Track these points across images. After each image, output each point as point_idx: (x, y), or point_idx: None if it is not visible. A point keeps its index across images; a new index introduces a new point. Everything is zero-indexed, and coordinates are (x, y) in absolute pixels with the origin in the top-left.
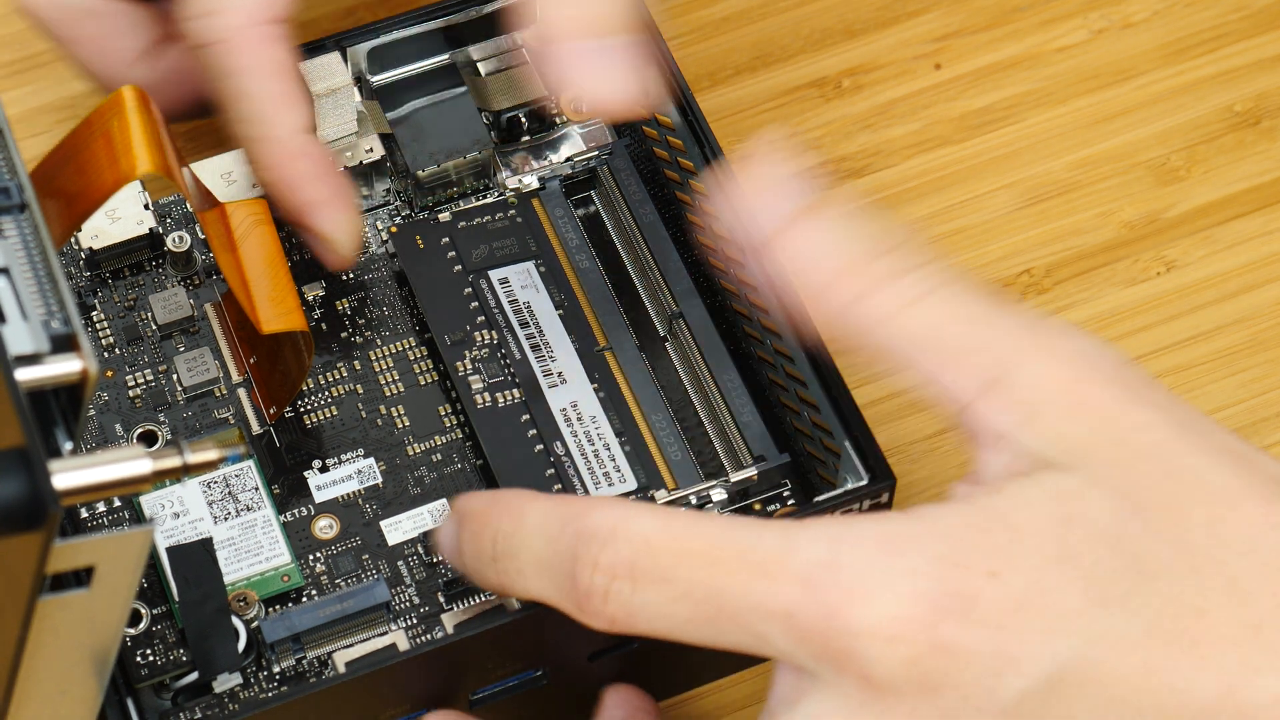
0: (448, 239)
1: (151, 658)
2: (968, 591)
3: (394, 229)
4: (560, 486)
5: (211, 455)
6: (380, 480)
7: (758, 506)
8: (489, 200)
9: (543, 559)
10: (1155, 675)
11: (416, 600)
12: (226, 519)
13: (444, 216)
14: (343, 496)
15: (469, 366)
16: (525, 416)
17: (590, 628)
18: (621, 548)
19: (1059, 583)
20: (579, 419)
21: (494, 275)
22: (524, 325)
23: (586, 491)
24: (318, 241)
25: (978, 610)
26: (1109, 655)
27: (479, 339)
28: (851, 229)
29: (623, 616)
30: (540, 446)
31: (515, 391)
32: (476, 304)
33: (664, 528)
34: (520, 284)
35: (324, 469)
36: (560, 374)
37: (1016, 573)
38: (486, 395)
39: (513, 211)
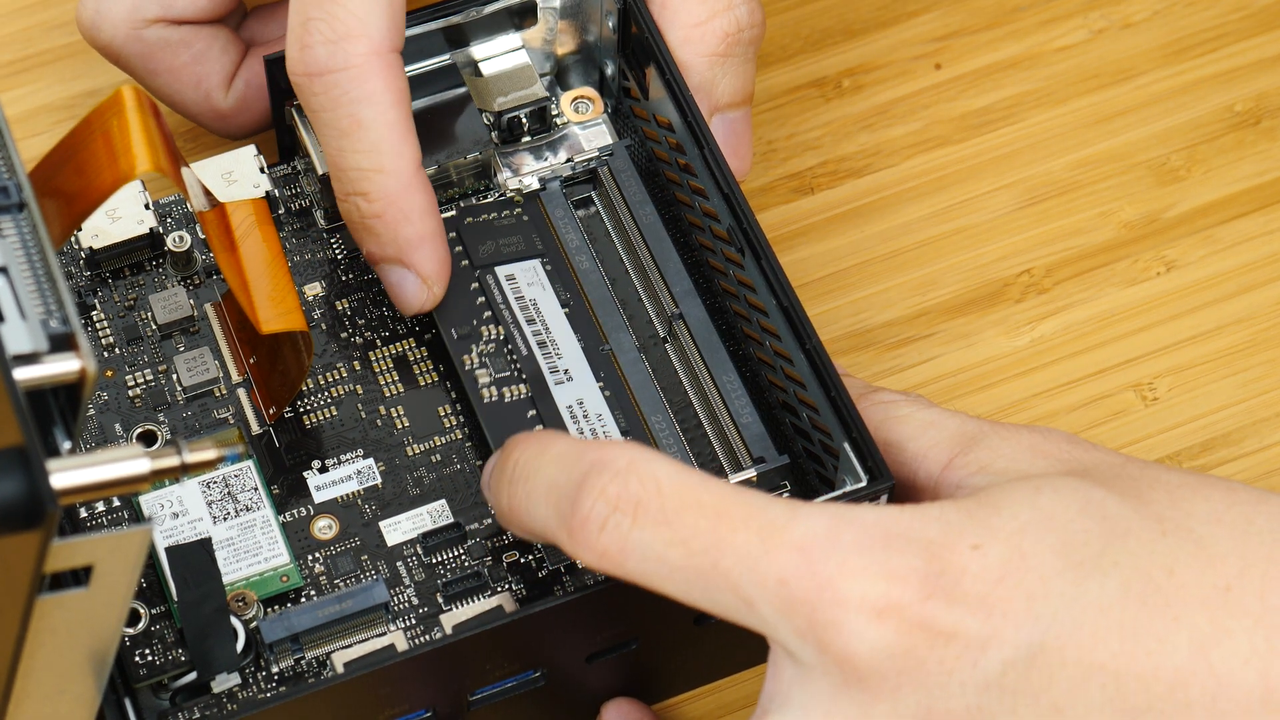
0: (454, 233)
1: (150, 657)
2: (953, 568)
3: None
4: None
5: (210, 455)
6: (379, 481)
7: None
8: (492, 200)
9: (553, 483)
10: (1130, 637)
11: (415, 601)
12: (225, 519)
13: (449, 213)
14: (342, 497)
15: (475, 361)
16: (531, 412)
17: (578, 560)
18: (631, 482)
19: (1036, 547)
20: (585, 416)
21: (501, 271)
22: (530, 321)
23: None
24: (403, 282)
25: (962, 585)
26: (1087, 618)
27: (486, 334)
28: (859, 382)
29: (614, 551)
30: None
31: (522, 387)
32: (483, 299)
33: (677, 474)
34: (527, 281)
35: (323, 469)
36: (566, 371)
37: (996, 542)
38: (493, 390)
39: (519, 209)
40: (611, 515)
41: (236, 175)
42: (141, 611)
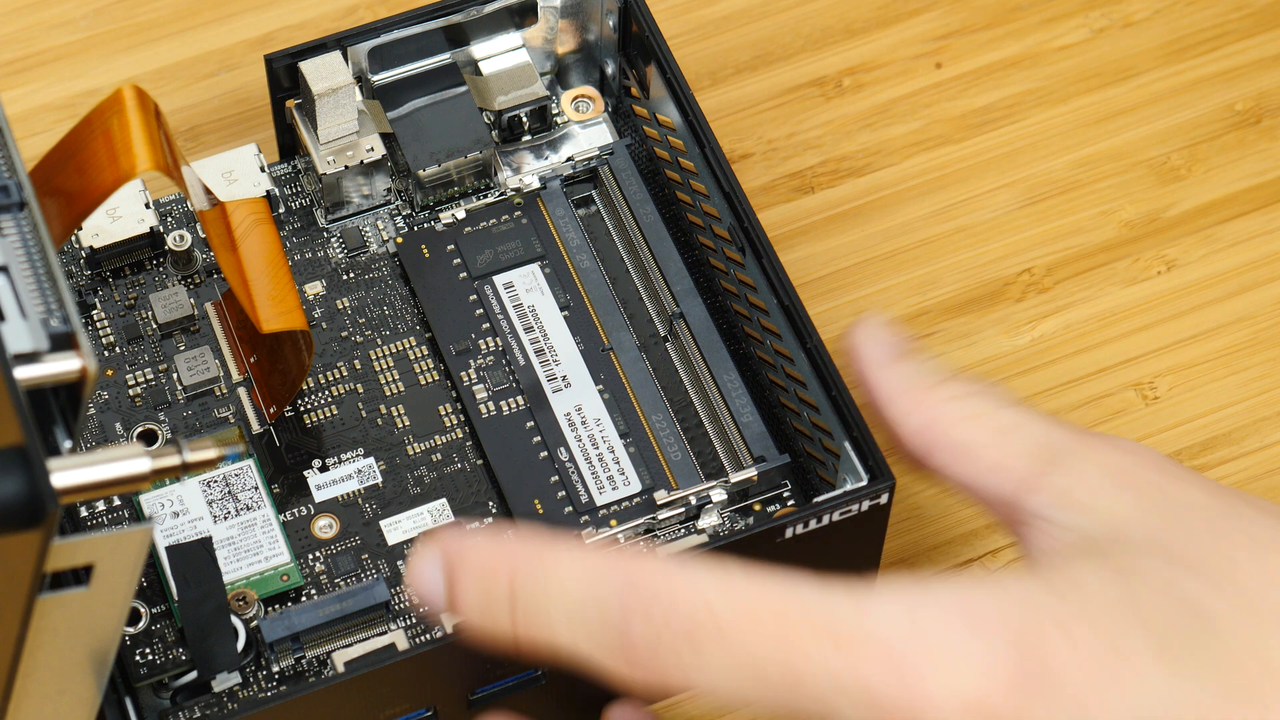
0: (453, 245)
1: (150, 657)
2: (1045, 663)
3: (400, 240)
4: (564, 493)
5: (210, 454)
6: (380, 480)
7: (758, 507)
8: (493, 200)
9: (581, 607)
10: None
11: (416, 600)
12: (226, 518)
13: (447, 219)
14: (342, 496)
15: (474, 376)
16: (529, 423)
17: (635, 686)
18: (680, 606)
19: (1133, 645)
20: (583, 422)
21: (498, 280)
22: (528, 330)
23: (589, 495)
24: None
25: (1055, 682)
26: (1183, 714)
27: (484, 347)
28: (930, 365)
29: (678, 677)
30: (545, 453)
31: (519, 398)
32: (481, 310)
33: (724, 589)
34: (525, 287)
35: (324, 468)
36: (565, 377)
37: (1092, 637)
38: (491, 405)
39: (518, 213)
40: (668, 643)
41: (237, 174)
42: (142, 611)
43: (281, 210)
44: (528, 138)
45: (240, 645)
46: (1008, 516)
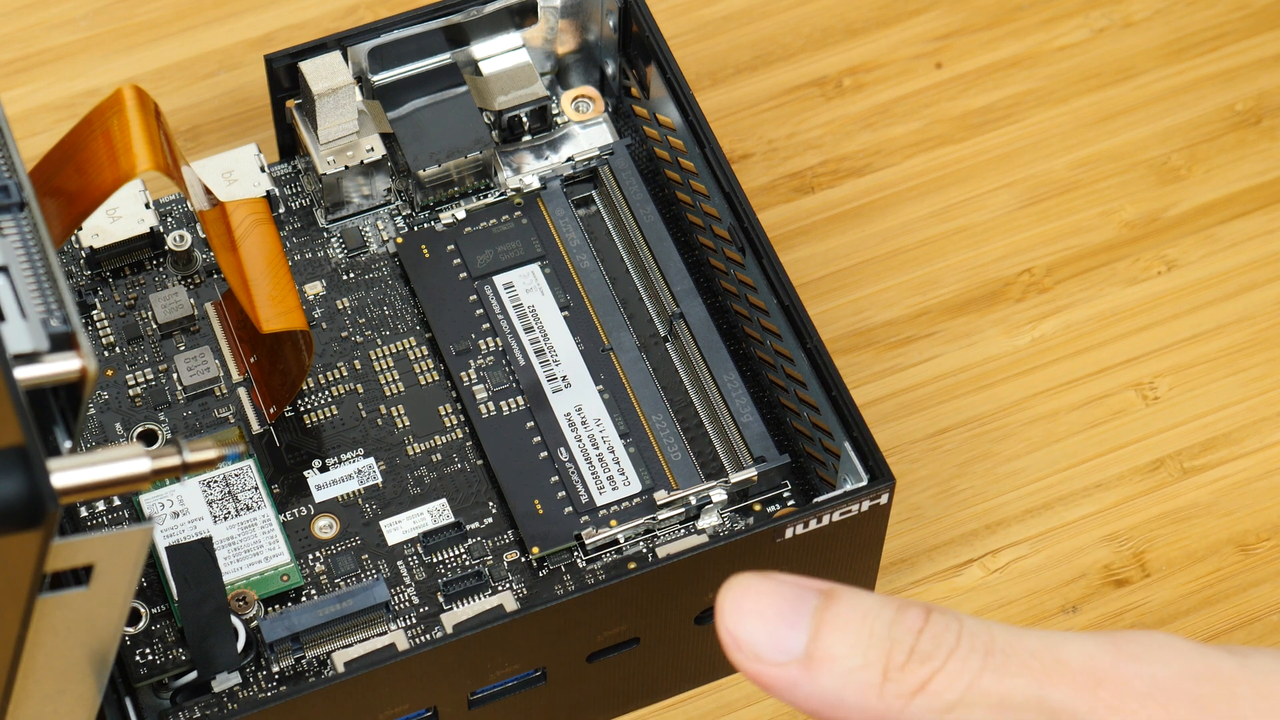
0: (453, 245)
1: (150, 657)
2: None
3: (400, 240)
4: (564, 493)
5: (210, 454)
6: (380, 480)
7: (758, 507)
8: (493, 200)
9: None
10: None
11: (416, 600)
12: (226, 518)
13: (447, 219)
14: (342, 496)
15: (474, 376)
16: (529, 423)
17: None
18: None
19: None
20: (583, 423)
21: (499, 280)
22: (528, 330)
23: (589, 495)
24: None
25: None
26: None
27: (484, 347)
28: (856, 643)
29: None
30: (545, 453)
31: (519, 399)
32: (481, 310)
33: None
34: (525, 287)
35: (324, 468)
36: (564, 377)
37: None
38: (491, 405)
39: (518, 213)
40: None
41: (237, 174)
42: (142, 611)
43: (281, 210)
44: (528, 138)
45: (240, 645)
46: None
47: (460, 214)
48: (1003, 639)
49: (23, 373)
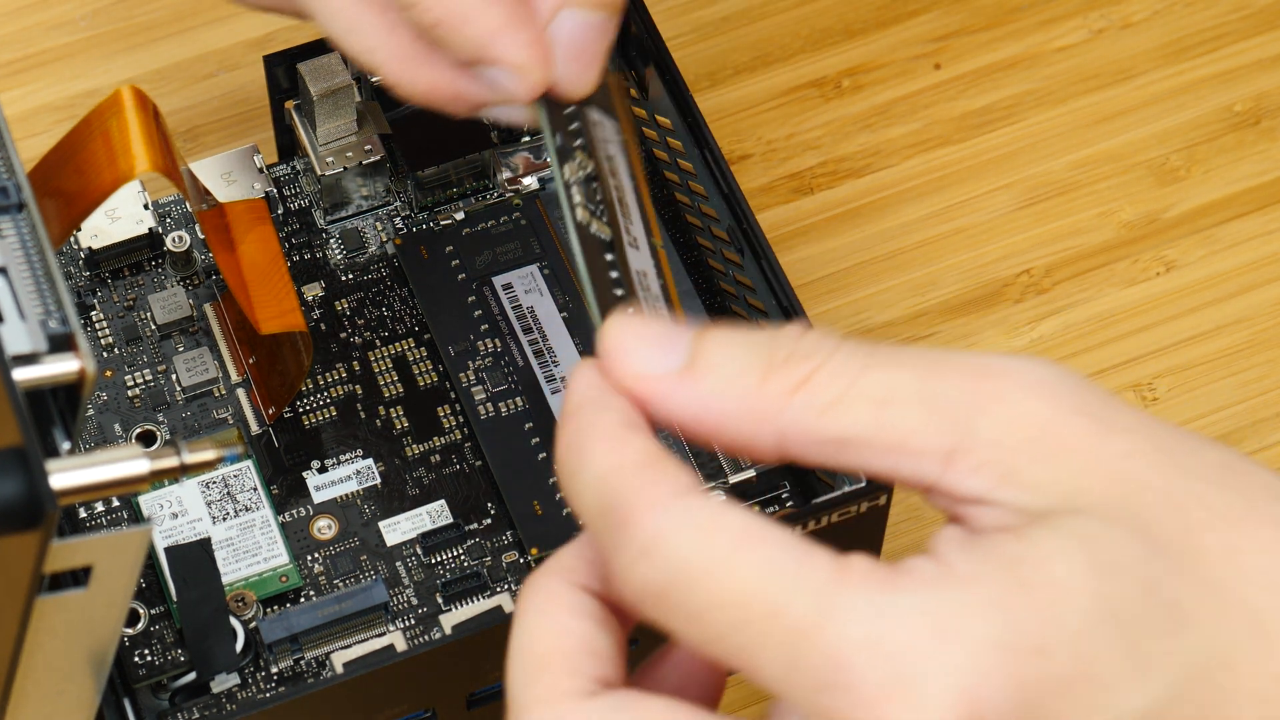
0: (452, 246)
1: (149, 658)
2: (1014, 682)
3: (399, 241)
4: (563, 494)
5: (209, 455)
6: (379, 481)
7: (756, 508)
8: (492, 201)
9: (590, 515)
10: None
11: (414, 601)
12: (225, 519)
13: (446, 219)
14: (341, 497)
15: (473, 377)
16: (529, 424)
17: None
18: (656, 567)
19: (1103, 650)
20: None
21: (497, 281)
22: (527, 331)
23: None
24: (495, 82)
25: (1022, 701)
26: None
27: (483, 348)
28: (735, 353)
29: (646, 615)
30: (544, 454)
31: (519, 400)
32: (480, 311)
33: (701, 563)
34: (524, 288)
35: (323, 469)
36: (564, 379)
37: (1062, 645)
38: (490, 406)
39: (517, 214)
40: (642, 593)
41: (235, 175)
42: (141, 611)
43: (280, 211)
44: (527, 139)
45: (239, 646)
46: (937, 502)
47: (459, 215)
48: (885, 347)
49: (21, 374)
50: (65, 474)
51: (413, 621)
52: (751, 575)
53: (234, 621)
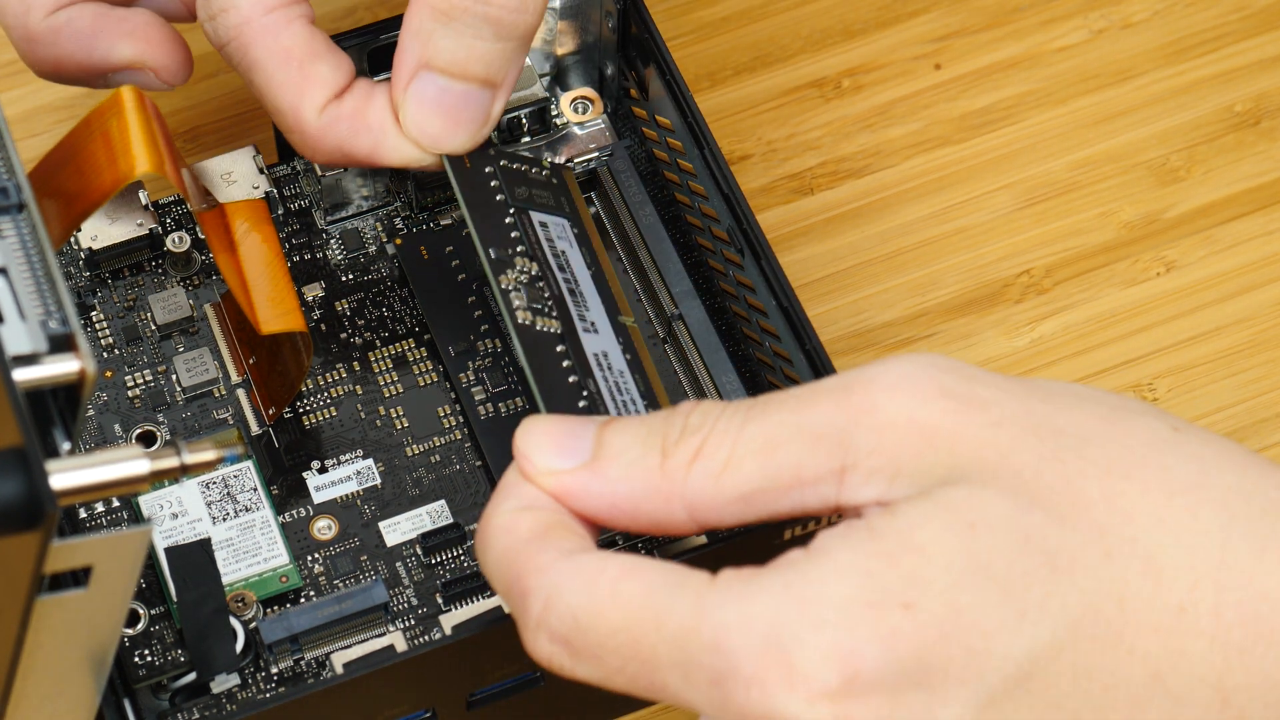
0: (452, 246)
1: (149, 658)
2: (885, 635)
3: (399, 241)
4: None
5: (209, 455)
6: (379, 481)
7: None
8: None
9: (502, 594)
10: (1084, 676)
11: (415, 601)
12: (225, 519)
13: (446, 219)
14: (341, 497)
15: (472, 377)
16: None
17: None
18: (556, 621)
19: (975, 600)
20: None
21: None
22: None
23: None
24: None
25: (896, 654)
26: (1036, 667)
27: (483, 348)
28: (636, 439)
29: (566, 673)
30: None
31: (518, 400)
32: (480, 312)
33: (589, 603)
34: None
35: (323, 470)
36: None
37: (931, 598)
38: (490, 406)
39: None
40: (552, 650)
41: (236, 176)
42: (141, 612)
43: (280, 212)
44: (527, 139)
45: (239, 646)
46: (850, 518)
47: (459, 215)
48: (763, 398)
49: (21, 374)
50: (65, 474)
51: (413, 622)
52: (634, 599)
53: (234, 622)
